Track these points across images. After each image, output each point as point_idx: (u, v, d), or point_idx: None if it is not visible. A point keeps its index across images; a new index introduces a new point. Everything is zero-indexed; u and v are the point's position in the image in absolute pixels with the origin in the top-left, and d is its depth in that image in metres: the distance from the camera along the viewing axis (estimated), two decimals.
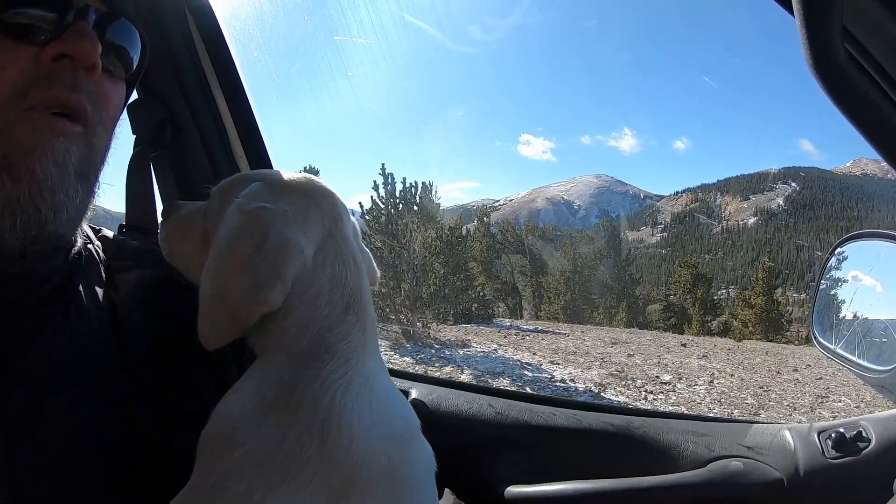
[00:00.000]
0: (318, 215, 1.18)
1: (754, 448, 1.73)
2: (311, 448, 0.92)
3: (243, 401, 1.01)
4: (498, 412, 1.99)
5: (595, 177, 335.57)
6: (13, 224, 1.04)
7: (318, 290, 1.11)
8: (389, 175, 39.43)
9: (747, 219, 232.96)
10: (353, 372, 1.03)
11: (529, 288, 57.73)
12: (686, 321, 50.21)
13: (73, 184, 1.11)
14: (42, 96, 1.06)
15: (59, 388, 1.09)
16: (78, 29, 1.09)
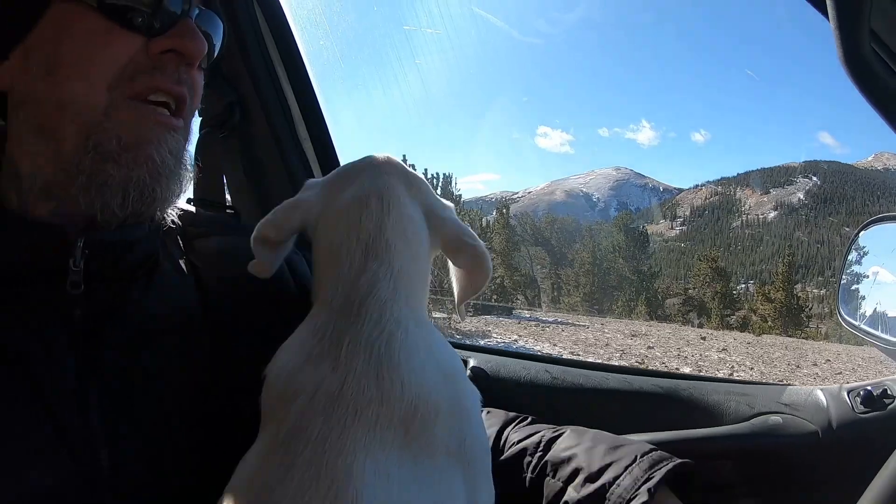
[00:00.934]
0: (352, 175, 1.29)
1: (791, 405, 1.86)
2: (371, 391, 1.00)
3: (294, 355, 1.09)
4: (554, 377, 2.09)
5: (614, 169, 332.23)
6: (123, 201, 1.12)
7: (333, 240, 1.21)
8: (411, 166, 39.35)
9: (768, 213, 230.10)
10: (390, 327, 1.07)
11: (548, 280, 57.39)
12: (705, 314, 49.77)
13: (184, 172, 1.23)
14: (148, 84, 1.14)
15: (148, 350, 1.16)
16: (186, 26, 1.18)
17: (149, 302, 1.20)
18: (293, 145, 2.40)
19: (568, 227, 66.37)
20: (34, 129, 1.12)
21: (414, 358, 1.05)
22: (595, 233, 60.32)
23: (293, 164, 2.38)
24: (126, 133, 1.11)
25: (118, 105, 1.11)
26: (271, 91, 2.35)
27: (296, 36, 2.38)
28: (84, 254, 1.11)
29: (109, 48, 1.11)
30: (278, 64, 2.36)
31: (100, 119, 1.10)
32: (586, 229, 64.85)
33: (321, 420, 0.98)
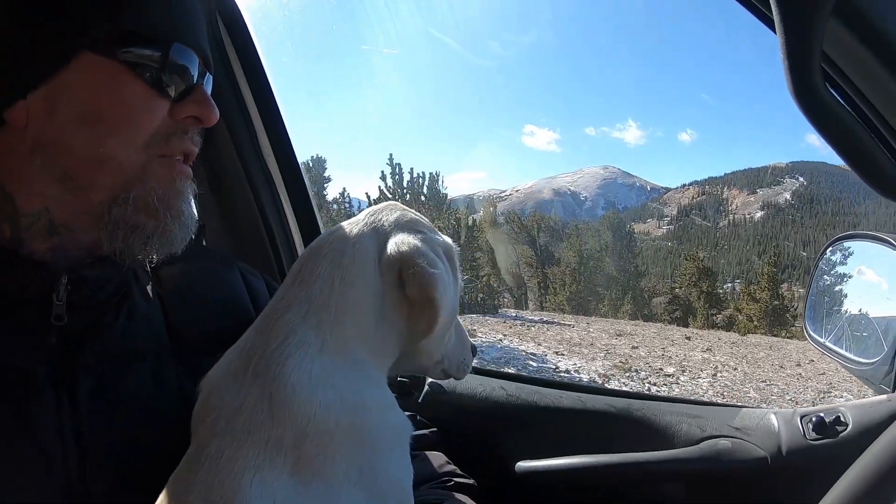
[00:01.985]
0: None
1: (742, 429, 1.86)
2: (264, 411, 1.04)
3: (218, 371, 1.16)
4: (509, 394, 2.13)
5: (602, 168, 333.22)
6: (145, 246, 1.23)
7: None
8: (397, 165, 39.28)
9: (754, 213, 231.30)
10: (290, 350, 1.11)
11: (535, 279, 57.47)
12: (691, 314, 49.96)
13: (194, 219, 1.33)
14: (177, 147, 1.24)
15: (120, 373, 1.22)
16: (203, 94, 1.28)
17: (120, 329, 1.26)
18: (256, 160, 2.44)
19: (555, 226, 66.57)
20: (57, 175, 1.16)
21: (307, 383, 1.08)
22: (582, 232, 60.51)
23: (256, 178, 2.43)
24: (162, 189, 1.22)
25: (152, 163, 1.21)
26: (235, 108, 2.38)
27: (259, 53, 2.40)
28: (67, 289, 1.17)
29: (147, 111, 1.19)
30: (242, 80, 2.39)
31: (138, 174, 1.19)
32: (573, 228, 65.22)
33: (219, 439, 1.04)
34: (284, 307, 1.19)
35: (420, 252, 1.23)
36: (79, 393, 1.15)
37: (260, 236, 2.48)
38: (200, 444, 1.06)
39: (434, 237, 1.34)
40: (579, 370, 19.28)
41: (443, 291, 1.21)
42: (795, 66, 0.81)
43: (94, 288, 1.23)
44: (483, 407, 2.14)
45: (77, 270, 1.19)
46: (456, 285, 1.36)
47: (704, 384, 18.21)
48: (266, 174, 2.47)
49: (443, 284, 1.21)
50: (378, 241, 1.27)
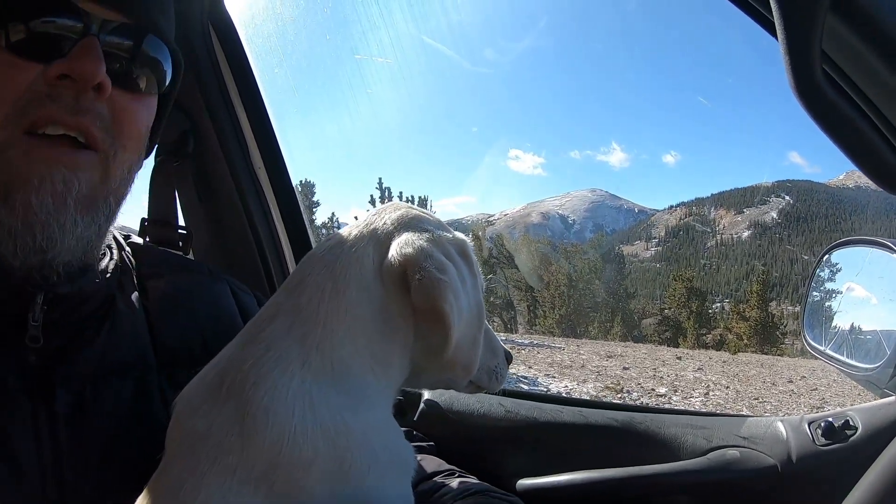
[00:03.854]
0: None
1: (750, 438, 1.81)
2: (233, 435, 0.94)
3: (192, 388, 1.08)
4: (508, 410, 2.07)
5: (590, 191, 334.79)
6: (14, 249, 1.07)
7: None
8: (386, 189, 39.30)
9: (742, 232, 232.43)
10: (268, 366, 1.01)
11: (525, 302, 57.47)
12: (681, 334, 50.01)
13: (71, 214, 1.11)
14: (38, 116, 1.06)
15: (101, 389, 1.18)
16: (84, 47, 1.08)
17: (102, 344, 1.22)
18: (248, 172, 2.39)
19: (543, 248, 66.73)
20: None
21: (281, 404, 0.97)
22: (571, 254, 60.58)
23: (247, 190, 2.38)
24: (11, 176, 1.06)
25: (12, 143, 1.06)
26: (227, 119, 2.33)
27: (252, 65, 2.37)
28: (43, 309, 1.12)
29: (5, 82, 1.06)
30: (234, 92, 2.35)
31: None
32: (562, 251, 65.38)
33: (182, 463, 0.96)
34: (269, 318, 1.11)
35: (426, 254, 1.12)
36: (57, 407, 1.11)
37: (250, 249, 2.43)
38: (163, 468, 1.00)
39: (443, 235, 1.21)
40: (570, 392, 19.19)
41: (453, 299, 1.09)
42: (796, 63, 0.79)
43: (72, 305, 1.19)
44: (481, 424, 2.08)
45: (53, 288, 1.14)
46: (476, 286, 1.23)
47: (697, 403, 18.11)
48: (256, 186, 2.42)
49: (453, 291, 1.10)
50: (378, 243, 1.17)
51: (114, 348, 1.24)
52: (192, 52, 2.19)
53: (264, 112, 2.40)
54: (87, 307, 1.23)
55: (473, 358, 1.22)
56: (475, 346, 1.22)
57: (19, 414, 1.08)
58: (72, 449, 1.11)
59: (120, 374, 1.22)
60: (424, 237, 1.16)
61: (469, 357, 1.20)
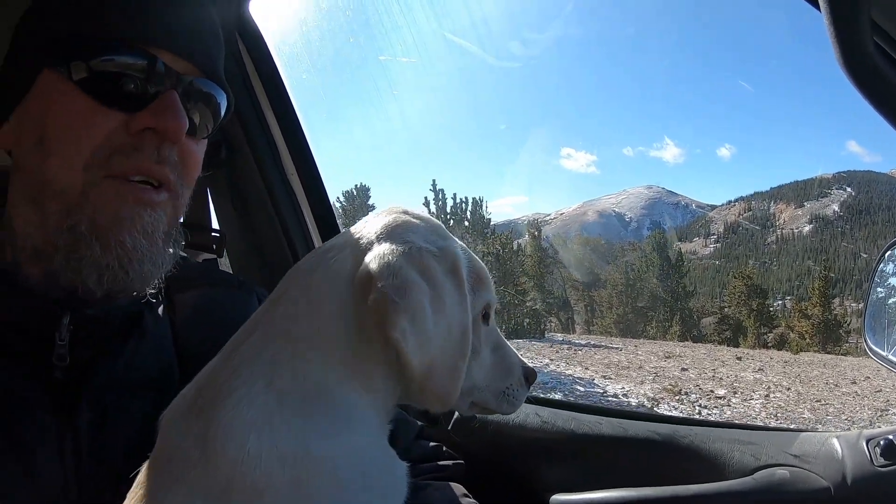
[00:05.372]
0: None
1: (801, 456, 1.69)
2: (196, 455, 0.91)
3: (174, 404, 1.04)
4: (545, 421, 2.00)
5: (646, 188, 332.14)
6: (99, 281, 1.12)
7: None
8: (440, 191, 39.48)
9: (803, 226, 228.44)
10: (234, 384, 0.97)
11: (582, 302, 57.24)
12: (742, 333, 49.29)
13: (160, 251, 1.19)
14: (125, 165, 1.12)
15: (123, 403, 1.18)
16: (166, 102, 1.14)
17: (126, 359, 1.22)
18: (280, 179, 2.41)
19: (600, 248, 66.38)
20: (26, 197, 1.15)
21: (241, 426, 0.91)
22: (628, 253, 60.10)
23: (280, 196, 2.39)
24: (100, 215, 1.11)
25: (96, 185, 1.11)
26: (258, 128, 2.35)
27: (280, 72, 2.37)
28: (69, 329, 1.13)
29: (89, 128, 1.11)
30: (263, 99, 2.36)
31: (77, 200, 1.10)
32: (619, 249, 64.84)
33: (154, 477, 0.95)
34: (246, 333, 1.07)
35: (390, 271, 1.02)
36: (79, 422, 1.12)
37: (283, 255, 2.44)
38: (140, 480, 0.97)
39: (426, 248, 1.09)
40: (628, 394, 19.10)
41: (407, 325, 0.98)
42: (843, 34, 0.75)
43: (99, 324, 1.20)
44: (516, 435, 2.00)
45: (80, 309, 1.15)
46: (463, 308, 1.09)
47: (757, 405, 17.83)
48: (289, 191, 2.43)
49: (409, 316, 0.98)
50: (357, 255, 1.08)
51: (138, 363, 1.24)
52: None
53: (295, 118, 2.40)
54: (113, 324, 1.24)
55: (451, 389, 1.08)
56: (454, 375, 1.08)
57: (42, 428, 1.09)
58: (92, 463, 1.12)
59: (143, 388, 1.23)
60: (399, 250, 1.06)
61: (444, 388, 1.07)
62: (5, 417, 1.07)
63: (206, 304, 1.47)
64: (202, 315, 1.44)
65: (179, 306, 1.42)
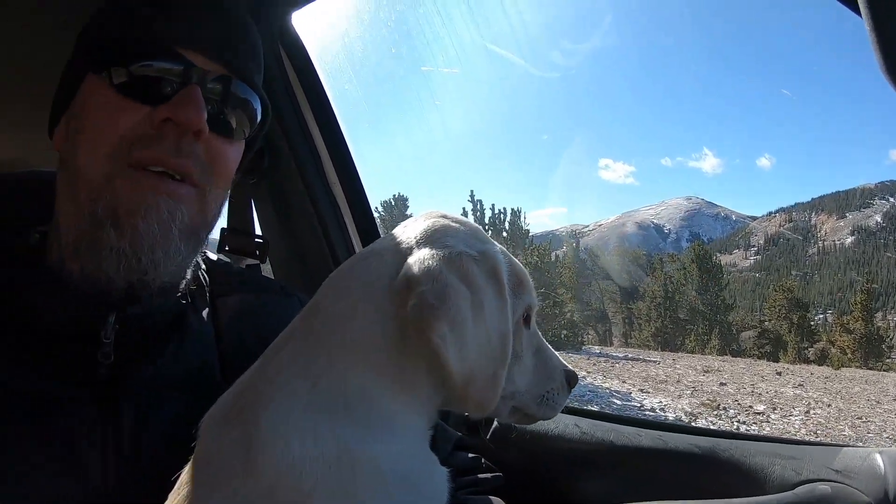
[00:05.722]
0: None
1: (843, 472, 1.63)
2: (238, 460, 0.91)
3: (214, 409, 1.06)
4: (584, 432, 1.98)
5: (685, 199, 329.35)
6: (118, 268, 1.16)
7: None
8: (478, 202, 39.44)
9: (844, 238, 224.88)
10: (273, 391, 0.99)
11: (620, 314, 56.87)
12: (782, 348, 48.55)
13: (175, 242, 1.21)
14: (143, 155, 1.17)
15: (164, 401, 1.23)
16: (187, 95, 1.19)
17: (169, 359, 1.27)
18: (322, 188, 2.45)
19: (639, 259, 65.83)
20: (65, 188, 1.23)
21: (283, 430, 0.93)
22: (667, 265, 59.53)
23: (322, 205, 2.44)
24: (117, 202, 1.16)
25: (118, 173, 1.16)
26: (301, 137, 2.40)
27: (323, 83, 2.41)
28: (115, 328, 1.18)
29: (114, 119, 1.18)
30: (307, 111, 2.40)
31: (101, 186, 1.16)
32: (657, 261, 64.28)
33: (194, 482, 0.96)
34: (286, 340, 1.09)
35: (430, 276, 1.02)
36: (121, 417, 1.18)
37: (325, 261, 2.48)
38: (180, 484, 0.99)
39: (465, 252, 1.09)
40: (665, 408, 18.92)
41: (447, 330, 0.98)
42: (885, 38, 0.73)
43: (142, 326, 1.25)
44: (555, 447, 1.99)
45: (126, 308, 1.20)
46: (503, 314, 1.09)
47: (796, 422, 17.54)
48: (331, 200, 2.47)
49: (449, 321, 0.98)
50: (397, 260, 1.09)
51: (180, 363, 1.29)
52: (265, 74, 2.23)
53: (337, 129, 2.44)
54: (158, 324, 1.29)
55: (491, 395, 1.08)
56: (493, 383, 1.07)
57: (86, 423, 1.14)
58: (132, 457, 1.17)
59: (184, 387, 1.27)
60: (439, 255, 1.05)
61: (484, 393, 1.07)
62: (53, 411, 1.13)
63: (248, 309, 1.51)
64: (245, 319, 1.48)
65: (223, 310, 1.47)
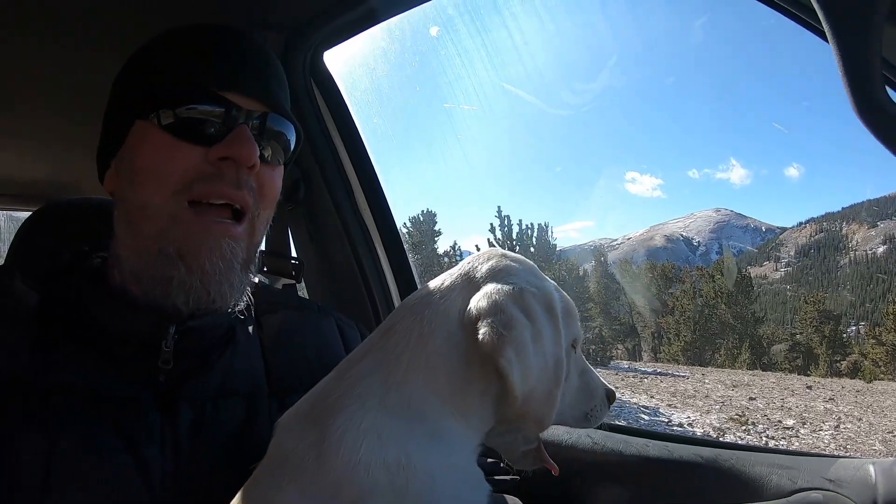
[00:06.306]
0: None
1: (836, 481, 1.72)
2: (311, 458, 1.05)
3: (289, 413, 1.21)
4: (595, 442, 2.09)
5: (714, 211, 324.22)
6: (186, 300, 1.32)
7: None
8: (506, 217, 39.26)
9: (876, 247, 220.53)
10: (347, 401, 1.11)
11: (649, 329, 56.23)
12: (813, 361, 47.70)
13: (237, 276, 1.38)
14: (204, 191, 1.32)
15: (218, 407, 1.38)
16: (239, 134, 1.34)
17: (222, 369, 1.42)
18: (353, 214, 2.62)
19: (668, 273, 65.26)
20: (125, 223, 1.37)
21: (353, 435, 1.06)
22: (696, 278, 58.76)
23: (354, 230, 2.61)
24: (184, 242, 1.31)
25: (182, 210, 1.32)
26: (333, 167, 2.58)
27: (353, 116, 2.59)
28: (174, 338, 1.33)
29: (173, 159, 1.32)
30: (338, 142, 2.58)
31: (166, 225, 1.31)
32: (686, 274, 63.59)
33: (270, 476, 1.11)
34: (360, 357, 1.22)
35: (498, 308, 1.15)
36: (180, 421, 1.31)
37: (356, 283, 2.63)
38: (255, 476, 1.14)
39: (527, 288, 1.23)
40: (693, 423, 18.74)
41: (513, 355, 1.10)
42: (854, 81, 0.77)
43: (200, 335, 1.39)
44: (568, 456, 2.09)
45: (185, 322, 1.35)
46: (557, 342, 1.22)
47: (826, 437, 17.27)
48: (362, 225, 2.63)
49: (515, 347, 1.11)
50: (466, 294, 1.23)
51: (232, 373, 1.44)
52: (298, 108, 2.42)
53: (367, 158, 2.61)
54: (212, 336, 1.43)
55: (548, 413, 1.20)
56: (550, 402, 1.21)
57: (149, 425, 1.28)
58: (190, 458, 1.30)
59: (235, 396, 1.42)
60: (505, 290, 1.20)
61: (542, 412, 1.21)
62: (119, 415, 1.26)
63: (290, 326, 1.65)
64: (287, 335, 1.62)
65: (266, 327, 1.60)
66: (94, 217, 1.99)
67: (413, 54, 74.99)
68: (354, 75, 2.83)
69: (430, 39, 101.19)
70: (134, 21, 2.01)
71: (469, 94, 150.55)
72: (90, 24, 2.09)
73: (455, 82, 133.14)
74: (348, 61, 2.66)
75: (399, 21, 2.29)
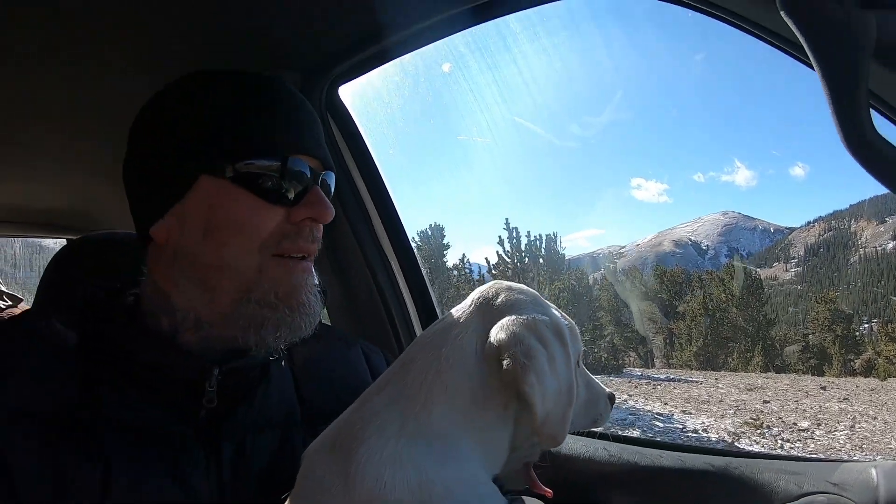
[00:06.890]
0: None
1: (840, 484, 1.77)
2: (338, 485, 1.13)
3: (315, 444, 1.30)
4: (611, 455, 2.16)
5: (721, 214, 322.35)
6: (276, 336, 1.44)
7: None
8: (514, 229, 39.23)
9: (886, 243, 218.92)
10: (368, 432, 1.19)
11: (660, 335, 55.94)
12: (826, 361, 47.41)
13: (319, 304, 1.53)
14: (288, 247, 1.44)
15: (256, 440, 1.47)
16: (316, 196, 1.47)
17: (259, 403, 1.51)
18: (372, 242, 2.74)
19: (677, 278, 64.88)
20: (194, 281, 1.45)
21: (376, 461, 1.14)
22: (706, 282, 58.42)
23: (373, 257, 2.72)
24: (280, 286, 1.44)
25: (267, 263, 1.43)
26: (351, 198, 2.69)
27: (368, 147, 2.69)
28: (218, 379, 1.43)
29: (258, 220, 1.42)
30: (356, 173, 2.69)
31: (255, 276, 1.41)
32: (696, 279, 63.20)
33: (301, 502, 1.21)
34: (377, 390, 1.31)
35: (517, 339, 1.25)
36: (222, 454, 1.40)
37: (377, 309, 2.74)
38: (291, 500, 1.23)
39: (538, 318, 1.31)
40: (707, 429, 18.70)
41: (535, 381, 1.20)
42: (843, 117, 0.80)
43: (239, 375, 1.49)
44: (584, 469, 2.17)
45: (228, 362, 1.44)
46: (568, 365, 1.31)
47: (842, 437, 17.17)
48: (381, 253, 2.74)
49: (536, 373, 1.21)
50: (481, 328, 1.32)
51: (268, 406, 1.52)
52: None
53: (382, 186, 2.73)
54: (250, 374, 1.53)
55: (563, 430, 1.28)
56: (563, 421, 1.28)
57: (195, 460, 1.36)
58: (233, 488, 1.39)
59: (272, 427, 1.51)
60: (520, 322, 1.28)
61: (556, 430, 1.27)
62: (166, 450, 1.33)
63: (319, 356, 1.73)
64: (316, 365, 1.71)
65: (297, 358, 1.68)
66: (118, 251, 2.12)
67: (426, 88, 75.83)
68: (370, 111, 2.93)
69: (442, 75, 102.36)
70: (159, 54, 2.12)
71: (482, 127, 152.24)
72: (114, 57, 2.16)
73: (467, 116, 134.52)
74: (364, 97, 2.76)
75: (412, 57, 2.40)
